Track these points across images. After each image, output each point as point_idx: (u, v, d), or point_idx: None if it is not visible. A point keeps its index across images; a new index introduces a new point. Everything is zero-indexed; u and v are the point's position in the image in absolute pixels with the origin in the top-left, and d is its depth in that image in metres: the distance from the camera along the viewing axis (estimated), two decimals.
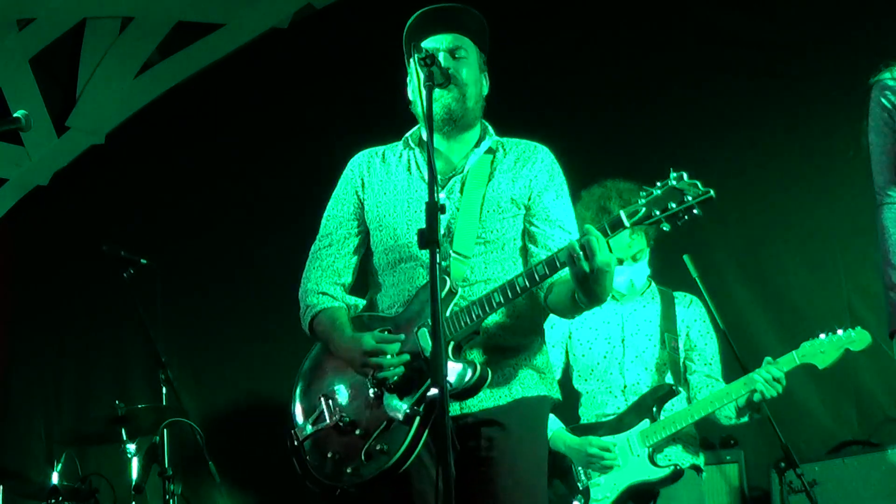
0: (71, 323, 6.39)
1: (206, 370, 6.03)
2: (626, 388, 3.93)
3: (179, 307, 5.83)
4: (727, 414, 3.88)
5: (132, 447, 4.65)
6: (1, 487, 4.91)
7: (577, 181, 3.27)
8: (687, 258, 4.09)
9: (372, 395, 2.76)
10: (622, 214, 2.58)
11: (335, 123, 5.79)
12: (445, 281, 2.72)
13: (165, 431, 4.51)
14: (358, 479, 2.73)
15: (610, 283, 2.62)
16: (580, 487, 3.86)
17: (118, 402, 4.67)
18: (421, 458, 2.71)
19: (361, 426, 2.76)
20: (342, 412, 2.81)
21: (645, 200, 2.56)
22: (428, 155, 2.59)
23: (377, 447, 2.71)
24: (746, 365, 3.84)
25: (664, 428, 3.80)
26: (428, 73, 2.69)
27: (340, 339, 2.83)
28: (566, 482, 3.90)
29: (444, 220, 2.73)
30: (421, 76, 2.69)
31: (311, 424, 2.85)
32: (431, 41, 2.89)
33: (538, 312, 2.92)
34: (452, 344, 2.72)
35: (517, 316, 2.86)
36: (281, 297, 3.43)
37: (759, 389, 3.68)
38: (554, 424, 3.90)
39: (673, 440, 3.87)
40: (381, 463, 2.69)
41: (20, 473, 5.46)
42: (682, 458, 3.89)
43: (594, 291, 2.61)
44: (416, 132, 3.03)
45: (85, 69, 6.14)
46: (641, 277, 4.02)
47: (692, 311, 4.04)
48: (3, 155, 6.26)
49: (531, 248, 2.91)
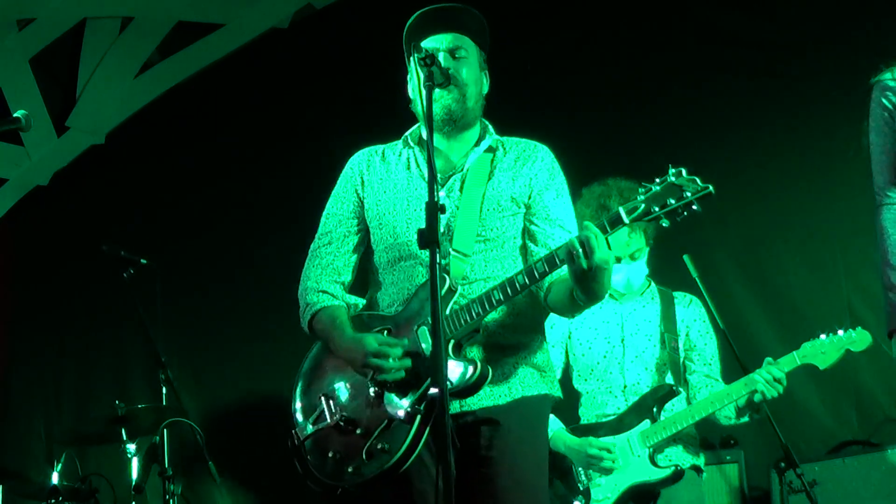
0: (71, 323, 6.39)
1: (206, 370, 6.02)
2: (626, 388, 3.93)
3: (179, 307, 5.82)
4: (727, 414, 3.87)
5: (132, 447, 4.64)
6: (1, 487, 4.91)
7: (577, 180, 3.26)
8: (687, 258, 4.08)
9: (372, 393, 2.76)
10: (621, 211, 2.58)
11: (335, 123, 5.78)
12: (445, 279, 2.72)
13: (165, 431, 4.50)
14: (359, 478, 2.72)
15: (608, 280, 2.63)
16: (580, 488, 3.85)
17: (118, 402, 4.66)
18: (421, 457, 2.70)
19: (362, 425, 2.76)
20: (343, 411, 2.80)
21: (644, 197, 2.56)
22: (428, 155, 2.59)
23: (378, 446, 2.70)
24: (746, 365, 3.84)
25: (665, 428, 3.79)
26: (428, 72, 2.69)
27: (341, 338, 2.82)
28: (566, 482, 3.89)
29: (443, 218, 2.72)
30: (421, 76, 2.69)
31: (311, 424, 2.85)
32: (431, 41, 2.89)
33: (538, 310, 2.92)
34: (452, 342, 2.71)
35: (517, 314, 2.86)
36: (281, 297, 3.43)
37: (759, 390, 3.68)
38: (554, 425, 3.89)
39: (674, 441, 3.87)
40: (382, 462, 2.69)
41: (20, 473, 5.45)
42: (682, 458, 3.89)
43: (592, 289, 2.61)
44: (415, 131, 3.03)
45: (85, 69, 6.13)
46: (639, 277, 4.02)
47: (692, 311, 4.04)
48: (3, 155, 6.25)
49: (531, 246, 2.91)
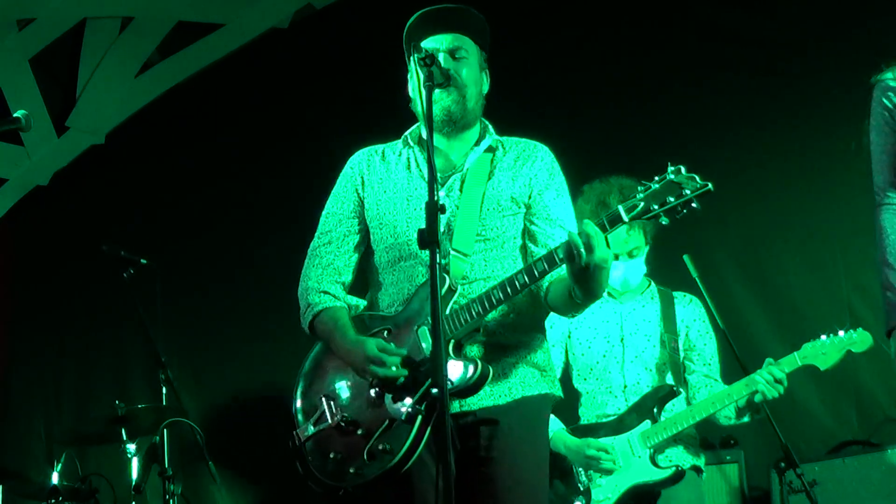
0: (71, 323, 6.39)
1: (206, 370, 6.02)
2: (626, 388, 3.92)
3: (179, 307, 5.82)
4: (727, 414, 3.87)
5: (132, 447, 4.64)
6: (1, 487, 4.90)
7: (577, 180, 3.27)
8: (687, 258, 4.08)
9: (373, 394, 2.75)
10: (620, 209, 2.57)
11: (335, 123, 5.78)
12: (445, 279, 2.72)
13: (165, 431, 4.49)
14: (361, 479, 2.72)
15: (606, 279, 2.63)
16: (581, 488, 3.85)
17: (118, 402, 4.66)
18: (422, 457, 2.70)
19: (363, 426, 2.75)
20: (344, 412, 2.80)
21: (643, 195, 2.55)
22: (428, 155, 2.58)
23: (380, 447, 2.70)
24: (746, 365, 3.83)
25: (665, 429, 3.79)
26: (428, 73, 2.69)
27: (343, 340, 2.81)
28: (567, 482, 3.89)
29: (443, 218, 2.71)
30: (421, 76, 2.69)
31: (312, 425, 2.84)
32: (431, 41, 2.88)
33: (539, 309, 2.91)
34: (453, 342, 2.71)
35: (517, 313, 2.85)
36: (281, 297, 3.43)
37: (760, 391, 3.68)
38: (554, 425, 3.89)
39: (674, 441, 3.87)
40: (384, 462, 2.68)
41: (20, 473, 5.44)
42: (683, 458, 3.89)
43: (590, 287, 2.62)
44: (415, 130, 3.02)
45: (85, 69, 6.13)
46: (637, 275, 4.01)
47: (691, 310, 4.03)
48: (3, 155, 6.25)
49: (531, 246, 2.91)
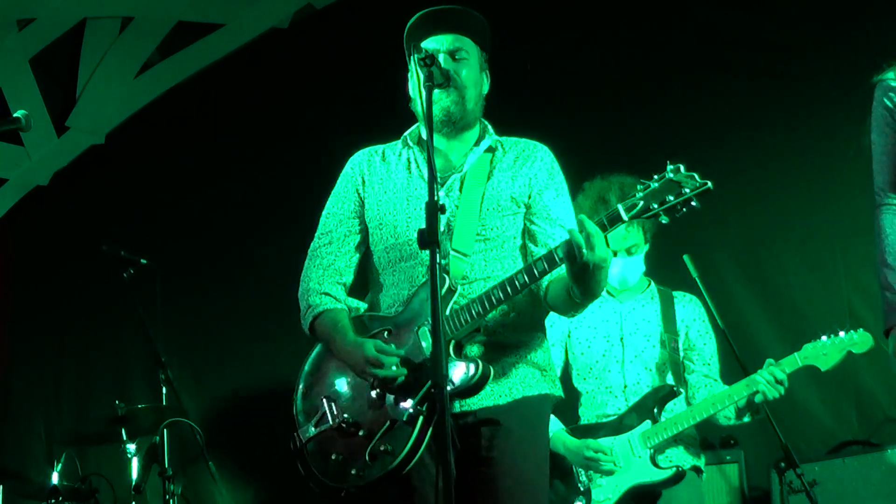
0: (71, 323, 6.38)
1: (206, 370, 6.02)
2: (626, 388, 3.93)
3: (179, 307, 5.81)
4: (727, 414, 3.87)
5: (132, 447, 4.64)
6: (1, 487, 4.91)
7: (577, 180, 3.27)
8: (687, 258, 4.08)
9: (374, 395, 2.75)
10: (620, 208, 2.57)
11: (335, 123, 5.78)
12: (445, 279, 2.71)
13: (165, 431, 4.50)
14: (363, 480, 2.71)
15: (605, 278, 2.63)
16: (581, 488, 3.85)
17: (118, 402, 4.66)
18: (422, 457, 2.70)
19: (364, 427, 2.75)
20: (344, 413, 2.80)
21: (643, 194, 2.55)
22: (428, 155, 2.59)
23: (381, 448, 2.70)
24: (746, 365, 3.83)
25: (665, 429, 3.79)
26: (428, 73, 2.69)
27: (342, 342, 2.81)
28: (567, 483, 3.89)
29: (443, 218, 2.72)
30: (421, 76, 2.69)
31: (313, 426, 2.84)
32: (432, 42, 2.88)
33: (539, 309, 2.91)
34: (453, 342, 2.71)
35: (517, 313, 2.85)
36: (281, 297, 3.42)
37: (761, 391, 3.68)
38: (554, 426, 3.89)
39: (674, 441, 3.87)
40: (385, 463, 2.68)
41: (20, 473, 5.44)
42: (683, 459, 3.89)
43: (589, 286, 2.62)
44: (414, 131, 3.02)
45: (85, 69, 6.12)
46: (635, 273, 4.01)
47: (691, 310, 4.03)
48: (3, 155, 6.24)
49: (531, 246, 2.91)
